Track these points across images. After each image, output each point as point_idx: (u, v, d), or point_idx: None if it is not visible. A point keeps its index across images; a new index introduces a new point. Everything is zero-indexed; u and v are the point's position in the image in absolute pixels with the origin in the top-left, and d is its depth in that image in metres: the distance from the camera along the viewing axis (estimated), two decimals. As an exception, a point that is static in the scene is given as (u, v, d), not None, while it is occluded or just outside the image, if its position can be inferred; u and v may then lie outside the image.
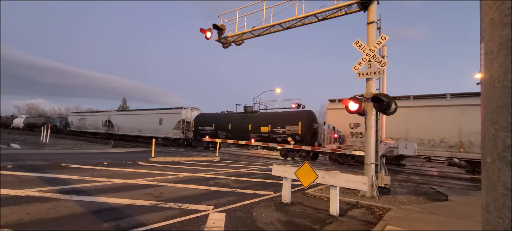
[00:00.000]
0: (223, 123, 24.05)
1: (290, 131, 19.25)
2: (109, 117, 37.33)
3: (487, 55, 1.55)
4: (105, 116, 38.28)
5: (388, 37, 7.13)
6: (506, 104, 1.42)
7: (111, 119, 36.65)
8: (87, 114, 44.48)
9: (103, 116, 38.61)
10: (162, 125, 28.82)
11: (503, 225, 1.42)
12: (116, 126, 35.17)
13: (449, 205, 6.74)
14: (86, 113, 46.06)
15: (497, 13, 1.49)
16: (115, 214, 4.65)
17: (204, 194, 6.69)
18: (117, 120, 35.63)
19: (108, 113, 38.91)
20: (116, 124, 35.27)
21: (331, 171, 5.91)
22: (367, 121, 7.48)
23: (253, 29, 10.45)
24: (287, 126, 19.45)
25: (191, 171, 10.49)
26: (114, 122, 35.85)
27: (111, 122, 36.34)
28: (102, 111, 42.86)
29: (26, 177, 7.25)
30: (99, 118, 39.02)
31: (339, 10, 8.45)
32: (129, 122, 33.41)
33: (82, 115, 44.82)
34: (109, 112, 39.32)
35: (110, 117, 37.10)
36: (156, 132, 28.62)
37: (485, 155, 1.55)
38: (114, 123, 35.72)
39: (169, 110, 30.06)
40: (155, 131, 28.73)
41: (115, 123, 35.63)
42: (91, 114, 43.39)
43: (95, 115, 41.05)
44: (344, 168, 14.95)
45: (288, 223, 4.82)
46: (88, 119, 41.40)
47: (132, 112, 36.93)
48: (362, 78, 7.52)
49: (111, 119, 36.75)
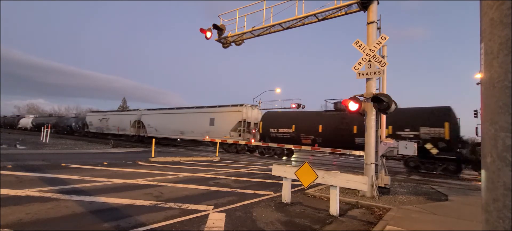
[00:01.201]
0: (309, 124, 18.62)
1: (429, 134, 14.22)
2: (139, 116, 32.62)
3: (487, 55, 1.55)
4: (134, 115, 33.50)
5: (388, 37, 7.13)
6: (506, 104, 1.42)
7: (143, 119, 32.04)
8: (110, 113, 39.47)
9: (132, 115, 33.81)
10: (214, 126, 24.13)
11: (503, 225, 1.42)
12: (150, 127, 30.68)
13: (449, 205, 6.74)
14: (108, 112, 40.47)
15: (497, 13, 1.49)
16: (115, 214, 4.65)
17: (204, 194, 6.69)
18: (150, 120, 31.02)
19: (138, 112, 33.56)
20: (149, 125, 30.75)
21: (331, 171, 5.91)
22: (367, 121, 7.47)
23: (253, 29, 10.45)
24: (424, 128, 14.32)
25: (191, 171, 10.49)
26: (146, 122, 31.32)
27: (142, 122, 31.91)
28: (130, 110, 38.12)
29: (26, 177, 7.25)
30: (126, 118, 34.49)
31: (339, 10, 8.45)
32: (167, 122, 28.91)
33: (104, 114, 39.35)
34: (140, 111, 33.88)
35: (141, 117, 32.38)
36: (205, 134, 24.25)
37: (485, 155, 1.55)
38: (146, 124, 31.24)
39: (224, 107, 24.67)
40: (204, 133, 24.35)
41: (147, 123, 31.16)
42: (115, 113, 39.03)
43: (121, 115, 36.77)
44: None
45: (288, 223, 4.82)
46: (112, 119, 36.66)
47: (170, 111, 30.93)
48: (362, 78, 7.52)
49: (142, 119, 32.15)
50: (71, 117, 50.72)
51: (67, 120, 46.50)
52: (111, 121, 36.53)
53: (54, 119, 49.38)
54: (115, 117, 36.73)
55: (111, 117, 37.15)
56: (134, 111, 35.75)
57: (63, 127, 45.16)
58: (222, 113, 24.16)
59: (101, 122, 38.05)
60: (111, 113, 39.24)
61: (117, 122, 35.50)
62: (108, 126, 36.76)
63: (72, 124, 43.80)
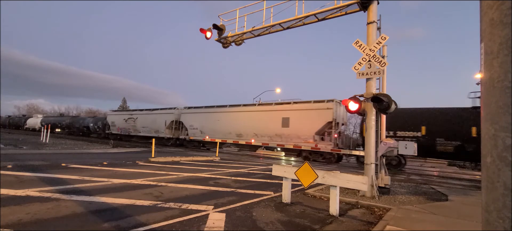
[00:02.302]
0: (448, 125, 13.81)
1: None
2: (178, 116, 28.37)
3: (487, 55, 1.55)
4: (171, 115, 28.95)
5: (388, 37, 7.13)
6: (506, 104, 1.42)
7: (183, 119, 27.66)
8: (138, 112, 33.75)
9: (168, 115, 29.22)
10: (288, 127, 19.45)
11: (503, 225, 1.42)
12: (192, 129, 26.23)
13: (449, 205, 6.74)
14: (135, 111, 34.94)
15: (497, 13, 1.49)
16: (115, 214, 4.65)
17: (204, 194, 6.69)
18: (193, 120, 26.66)
19: (177, 111, 28.93)
20: (192, 126, 26.32)
21: (331, 171, 5.91)
22: (367, 121, 7.47)
23: (253, 29, 10.45)
24: None
25: (191, 171, 10.49)
26: (188, 123, 26.95)
27: (182, 123, 27.70)
28: (165, 108, 31.40)
29: (26, 177, 7.25)
30: (160, 117, 29.76)
31: (339, 10, 8.45)
32: (216, 123, 24.43)
33: (130, 114, 34.39)
34: (178, 109, 29.19)
35: (180, 116, 28.06)
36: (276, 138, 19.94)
37: (485, 155, 1.55)
38: (188, 125, 26.87)
39: (304, 104, 19.40)
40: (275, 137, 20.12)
41: (189, 124, 26.78)
42: (145, 112, 32.84)
43: (153, 114, 31.13)
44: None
45: (288, 223, 4.82)
46: (141, 119, 31.90)
47: (221, 109, 25.01)
48: (362, 78, 7.52)
49: (181, 118, 27.86)
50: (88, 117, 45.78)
51: (83, 121, 41.82)
52: (140, 121, 31.78)
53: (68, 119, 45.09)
54: (146, 117, 31.60)
55: (140, 117, 32.10)
56: (170, 109, 29.98)
57: (78, 128, 41.30)
58: (300, 111, 18.96)
59: (126, 122, 33.32)
60: (140, 113, 33.34)
61: (149, 123, 30.75)
62: (136, 127, 32.11)
63: (89, 124, 39.36)
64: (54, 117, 50.15)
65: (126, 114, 35.29)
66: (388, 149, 7.80)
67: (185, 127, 27.31)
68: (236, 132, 22.87)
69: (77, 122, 42.40)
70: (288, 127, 19.44)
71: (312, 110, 18.68)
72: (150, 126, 30.66)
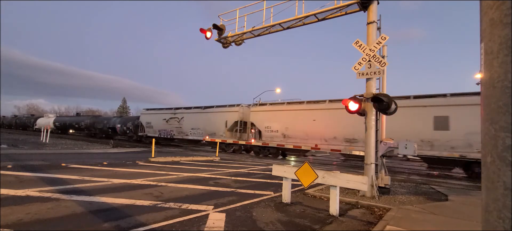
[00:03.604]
0: None
1: None
2: (243, 114, 22.86)
3: (487, 55, 1.55)
4: (233, 113, 23.13)
5: (388, 37, 7.13)
6: (506, 104, 1.42)
7: (253, 119, 21.87)
8: (184, 111, 27.42)
9: (230, 113, 23.34)
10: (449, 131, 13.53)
11: (503, 225, 1.42)
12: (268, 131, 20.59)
13: (449, 205, 6.74)
14: (179, 110, 28.26)
15: (497, 13, 1.49)
16: (115, 214, 4.65)
17: (204, 194, 6.69)
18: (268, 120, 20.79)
19: (242, 109, 23.01)
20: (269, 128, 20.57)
21: (331, 171, 5.91)
22: (367, 121, 7.48)
23: (253, 29, 10.45)
24: None
25: (191, 171, 10.49)
26: (262, 123, 21.16)
27: (253, 124, 21.87)
28: (223, 106, 24.66)
29: (26, 177, 7.25)
30: (218, 117, 23.94)
31: (339, 10, 8.45)
32: (313, 124, 18.25)
33: (173, 113, 28.16)
34: (243, 106, 23.23)
35: (249, 115, 22.33)
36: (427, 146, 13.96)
37: (485, 155, 1.55)
38: (262, 126, 21.17)
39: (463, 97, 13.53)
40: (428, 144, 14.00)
41: (264, 125, 20.92)
42: (195, 111, 26.62)
43: (208, 113, 25.14)
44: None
45: (288, 223, 4.82)
46: (189, 119, 26.36)
47: (320, 105, 18.55)
48: (362, 78, 7.52)
49: (251, 118, 22.06)
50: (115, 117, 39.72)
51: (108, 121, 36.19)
52: (188, 121, 26.30)
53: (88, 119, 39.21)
54: (196, 117, 25.95)
55: (188, 117, 26.61)
56: (232, 107, 23.67)
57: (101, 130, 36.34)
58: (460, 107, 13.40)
59: (168, 123, 27.93)
60: (187, 111, 27.30)
61: (201, 123, 25.12)
62: (181, 129, 26.70)
63: (116, 125, 33.87)
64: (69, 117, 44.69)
65: (167, 113, 28.99)
66: (388, 149, 7.80)
67: (258, 129, 21.45)
68: (345, 136, 16.68)
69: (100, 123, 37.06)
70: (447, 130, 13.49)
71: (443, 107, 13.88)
72: (203, 128, 24.77)
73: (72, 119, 42.17)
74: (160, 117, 29.25)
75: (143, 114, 32.19)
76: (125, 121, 34.41)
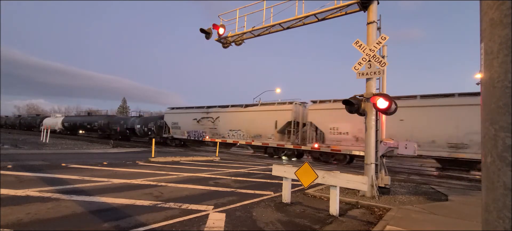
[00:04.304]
0: None
1: None
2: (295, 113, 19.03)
3: (487, 55, 1.55)
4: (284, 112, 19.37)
5: (388, 37, 7.13)
6: (506, 104, 1.42)
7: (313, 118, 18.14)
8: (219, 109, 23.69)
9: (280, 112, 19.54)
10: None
11: (503, 225, 1.42)
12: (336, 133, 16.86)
13: (449, 205, 6.74)
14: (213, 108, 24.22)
15: (497, 13, 1.49)
16: (115, 214, 4.65)
17: (204, 194, 6.69)
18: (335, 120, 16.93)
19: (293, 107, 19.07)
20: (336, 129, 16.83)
21: (331, 171, 5.91)
22: (367, 121, 7.47)
23: (253, 29, 10.45)
24: None
25: (191, 171, 10.49)
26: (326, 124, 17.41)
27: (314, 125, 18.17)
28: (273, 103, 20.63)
29: (26, 177, 7.25)
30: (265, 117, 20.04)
31: (339, 10, 8.45)
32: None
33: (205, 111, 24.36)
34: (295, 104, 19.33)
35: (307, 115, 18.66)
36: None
37: (485, 155, 1.55)
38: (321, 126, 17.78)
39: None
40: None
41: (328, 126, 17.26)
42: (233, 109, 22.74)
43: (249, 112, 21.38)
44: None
45: (288, 223, 4.82)
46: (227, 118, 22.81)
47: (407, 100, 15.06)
48: (362, 78, 7.52)
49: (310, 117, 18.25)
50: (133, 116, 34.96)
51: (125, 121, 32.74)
52: (226, 121, 22.71)
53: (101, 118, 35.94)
54: (235, 116, 22.22)
55: (225, 116, 22.90)
56: (282, 105, 19.79)
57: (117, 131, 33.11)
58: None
59: (199, 123, 24.48)
60: (223, 110, 23.35)
61: (243, 124, 21.42)
62: (217, 130, 23.20)
63: (135, 126, 30.41)
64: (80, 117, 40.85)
65: (198, 112, 25.14)
66: (388, 149, 7.80)
67: (320, 131, 17.82)
68: (449, 139, 13.66)
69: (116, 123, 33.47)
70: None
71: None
72: (245, 129, 21.07)
73: (83, 119, 38.68)
74: (189, 117, 25.67)
75: (168, 113, 28.60)
76: (146, 121, 30.49)
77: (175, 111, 28.22)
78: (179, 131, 26.30)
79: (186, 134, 25.50)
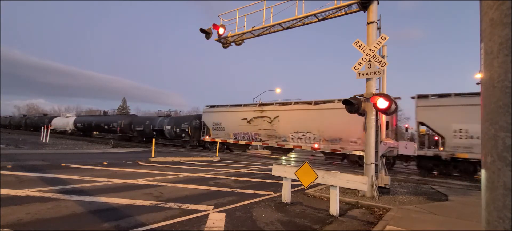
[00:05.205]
0: None
1: None
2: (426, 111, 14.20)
3: (487, 55, 1.55)
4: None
5: (388, 37, 7.13)
6: (506, 104, 1.42)
7: (426, 117, 14.05)
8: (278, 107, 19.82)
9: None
10: None
11: (503, 225, 1.42)
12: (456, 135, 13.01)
13: (449, 205, 6.74)
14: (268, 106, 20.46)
15: (497, 13, 1.49)
16: (115, 214, 4.65)
17: (204, 194, 6.69)
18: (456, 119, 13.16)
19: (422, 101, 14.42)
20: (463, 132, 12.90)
21: (331, 171, 5.91)
22: (367, 121, 7.48)
23: (253, 29, 10.45)
24: None
25: (191, 171, 10.49)
26: (441, 123, 13.67)
27: (427, 126, 14.30)
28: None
29: (26, 177, 7.25)
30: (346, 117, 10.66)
31: (339, 10, 8.45)
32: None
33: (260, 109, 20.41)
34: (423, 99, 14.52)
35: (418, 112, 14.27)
36: None
37: (485, 155, 1.55)
38: (438, 129, 13.95)
39: None
40: None
41: (442, 127, 13.69)
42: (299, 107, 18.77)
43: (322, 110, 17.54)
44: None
45: (288, 223, 4.82)
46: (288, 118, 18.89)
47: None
48: (362, 78, 7.52)
49: (421, 116, 14.15)
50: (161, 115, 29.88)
51: (151, 122, 28.43)
52: (287, 122, 18.87)
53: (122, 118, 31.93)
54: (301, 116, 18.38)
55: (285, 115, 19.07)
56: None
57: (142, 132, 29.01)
58: None
59: (251, 124, 20.43)
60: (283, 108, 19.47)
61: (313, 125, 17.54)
62: (276, 133, 19.25)
63: (164, 127, 26.45)
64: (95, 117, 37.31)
65: (247, 110, 21.00)
66: (388, 149, 7.80)
67: (439, 134, 14.25)
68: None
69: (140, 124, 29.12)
70: None
71: None
72: (317, 132, 17.29)
73: (99, 118, 34.74)
74: (236, 116, 21.39)
75: (206, 112, 24.08)
76: (178, 121, 25.92)
77: (215, 110, 23.36)
78: (223, 133, 22.10)
79: (233, 137, 21.51)
